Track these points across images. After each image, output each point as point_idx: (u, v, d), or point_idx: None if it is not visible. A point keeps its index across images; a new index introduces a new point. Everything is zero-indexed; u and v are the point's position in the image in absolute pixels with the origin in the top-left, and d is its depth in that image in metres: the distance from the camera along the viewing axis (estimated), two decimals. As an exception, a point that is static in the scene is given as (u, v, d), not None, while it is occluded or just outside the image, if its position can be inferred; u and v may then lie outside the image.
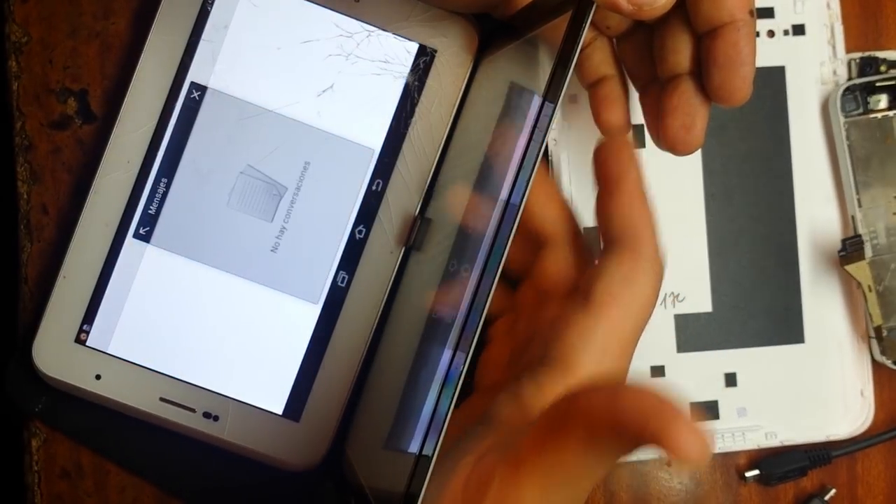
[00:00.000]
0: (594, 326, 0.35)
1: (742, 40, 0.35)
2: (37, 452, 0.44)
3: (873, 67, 0.47)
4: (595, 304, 0.36)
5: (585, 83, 0.41)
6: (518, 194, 0.33)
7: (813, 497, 0.47)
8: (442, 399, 0.33)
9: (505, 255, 0.33)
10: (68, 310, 0.41)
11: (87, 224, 0.41)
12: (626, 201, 0.37)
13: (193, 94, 0.42)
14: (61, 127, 0.44)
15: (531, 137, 0.33)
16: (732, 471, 0.47)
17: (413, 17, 0.42)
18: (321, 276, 0.42)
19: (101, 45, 0.44)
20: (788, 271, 0.46)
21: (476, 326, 0.33)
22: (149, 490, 0.44)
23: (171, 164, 0.42)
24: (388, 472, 0.36)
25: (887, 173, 0.46)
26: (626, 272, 0.36)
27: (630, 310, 0.36)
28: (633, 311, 0.36)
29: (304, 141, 0.42)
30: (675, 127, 0.37)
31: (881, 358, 0.46)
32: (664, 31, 0.37)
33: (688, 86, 0.37)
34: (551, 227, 0.39)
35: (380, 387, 0.42)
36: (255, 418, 0.42)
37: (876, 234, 0.46)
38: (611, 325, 0.35)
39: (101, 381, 0.41)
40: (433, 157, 0.43)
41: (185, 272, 0.42)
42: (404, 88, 0.43)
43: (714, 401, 0.46)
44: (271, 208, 0.42)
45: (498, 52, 0.41)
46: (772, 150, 0.46)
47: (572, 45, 0.32)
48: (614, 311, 0.36)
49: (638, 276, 0.36)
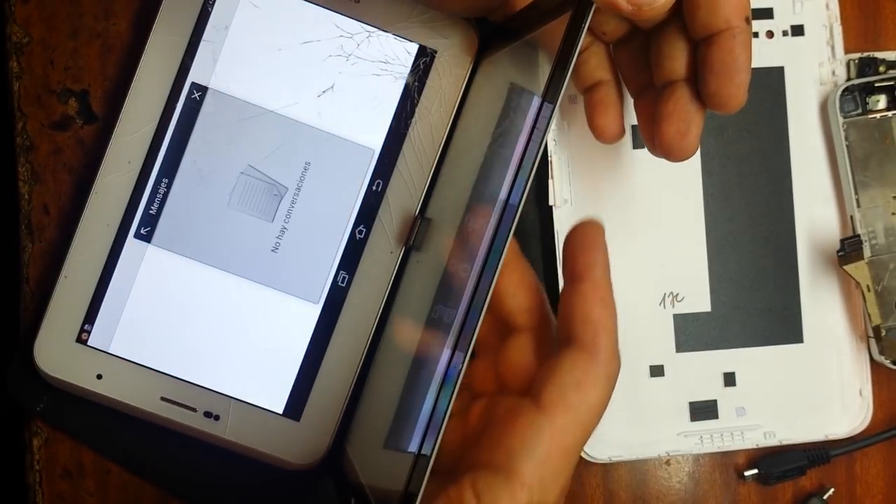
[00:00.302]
0: (539, 433, 0.35)
1: (738, 47, 0.35)
2: (38, 452, 0.44)
3: (872, 68, 0.47)
4: (543, 407, 0.35)
5: (581, 88, 0.41)
6: (517, 194, 0.33)
7: (812, 496, 0.47)
8: (441, 398, 0.33)
9: (504, 254, 0.33)
10: (69, 310, 0.42)
11: (88, 224, 0.42)
12: (587, 298, 0.36)
13: (194, 95, 0.42)
14: (62, 127, 0.44)
15: (530, 138, 0.33)
16: (731, 470, 0.47)
17: (413, 17, 0.42)
18: (321, 275, 0.43)
19: (102, 45, 0.44)
20: (787, 271, 0.47)
21: (475, 325, 0.33)
22: (150, 489, 0.44)
23: (171, 164, 0.42)
24: (388, 471, 0.36)
25: (886, 173, 0.46)
26: (579, 376, 0.35)
27: (578, 416, 0.35)
28: (581, 418, 0.35)
29: (304, 141, 0.42)
30: (670, 133, 0.37)
31: (880, 358, 0.46)
32: (660, 38, 0.37)
33: (683, 92, 0.37)
34: (520, 315, 0.38)
35: (380, 386, 0.42)
36: (256, 417, 0.42)
37: (875, 234, 0.46)
38: (556, 434, 0.35)
39: (102, 380, 0.42)
40: (433, 157, 0.43)
41: (186, 272, 0.42)
42: (404, 89, 0.43)
43: (713, 400, 0.46)
44: (272, 208, 0.42)
45: (497, 53, 0.41)
46: (771, 150, 0.47)
47: (571, 45, 0.32)
48: (561, 417, 0.35)
49: (590, 380, 0.35)
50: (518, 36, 0.39)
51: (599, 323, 0.36)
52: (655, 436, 0.46)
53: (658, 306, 0.46)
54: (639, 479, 0.47)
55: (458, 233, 0.39)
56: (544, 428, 0.35)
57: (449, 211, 0.41)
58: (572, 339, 0.36)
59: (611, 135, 0.40)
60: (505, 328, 0.39)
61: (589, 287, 0.36)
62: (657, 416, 0.46)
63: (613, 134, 0.40)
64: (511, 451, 0.35)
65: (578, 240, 0.37)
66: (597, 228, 0.37)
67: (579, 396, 0.35)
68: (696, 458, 0.47)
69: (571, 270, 0.37)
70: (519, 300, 0.38)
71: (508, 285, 0.38)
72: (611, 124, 0.40)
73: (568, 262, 0.37)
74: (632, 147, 0.46)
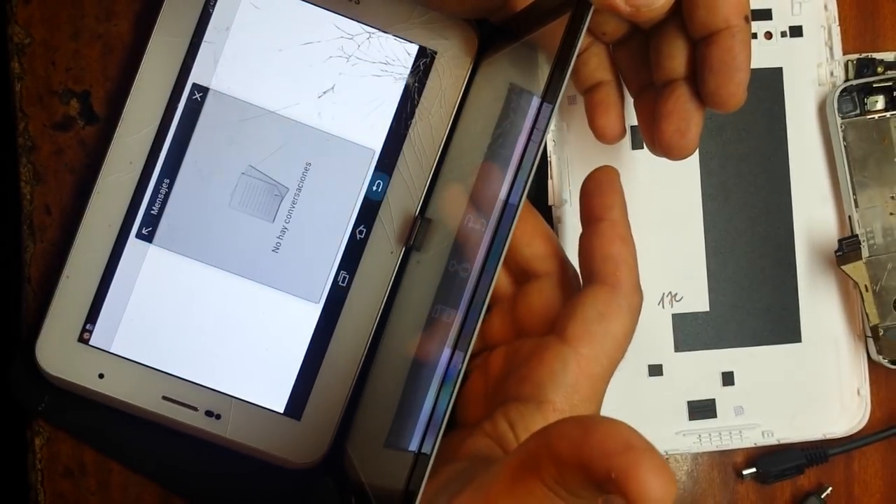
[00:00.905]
0: (566, 364, 0.35)
1: (737, 46, 0.35)
2: (40, 451, 0.44)
3: (870, 69, 0.47)
4: (568, 341, 0.36)
5: (581, 88, 0.41)
6: (517, 194, 0.33)
7: (810, 495, 0.47)
8: (441, 397, 0.33)
9: (503, 254, 0.33)
10: (71, 309, 0.42)
11: (89, 224, 0.42)
12: (606, 236, 0.37)
13: (195, 96, 0.42)
14: (64, 128, 0.44)
15: (530, 138, 0.33)
16: (729, 469, 0.48)
17: (413, 18, 0.43)
18: (322, 275, 0.43)
19: (103, 46, 0.44)
20: (785, 271, 0.47)
21: (475, 325, 0.33)
22: (151, 488, 0.44)
23: (173, 164, 0.42)
24: (389, 470, 0.37)
25: (884, 174, 0.46)
26: (602, 308, 0.36)
27: (604, 347, 0.36)
28: (607, 348, 0.36)
29: (305, 142, 0.42)
30: (669, 132, 0.37)
31: (877, 357, 0.46)
32: (660, 37, 0.37)
33: (683, 91, 0.37)
34: (537, 262, 0.39)
35: (380, 385, 0.42)
36: (257, 416, 0.42)
37: (872, 234, 0.46)
38: (583, 363, 0.35)
39: (104, 379, 0.42)
40: (433, 157, 0.43)
41: (187, 272, 0.42)
42: (404, 90, 0.43)
43: (711, 399, 0.46)
44: (273, 208, 0.42)
45: (497, 54, 0.42)
46: (769, 150, 0.47)
47: (570, 46, 0.32)
48: (586, 348, 0.36)
49: (613, 312, 0.36)
50: (518, 37, 0.39)
51: (619, 257, 0.37)
52: (654, 435, 0.45)
53: (657, 306, 0.46)
54: (638, 477, 0.47)
55: (458, 232, 0.39)
56: (570, 358, 0.35)
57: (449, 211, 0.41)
58: (593, 275, 0.37)
59: (612, 135, 0.40)
60: (522, 277, 0.40)
61: (607, 226, 0.37)
62: (656, 415, 0.46)
63: (614, 134, 0.40)
64: (539, 382, 0.35)
65: (595, 184, 0.38)
66: (612, 173, 0.38)
67: (603, 328, 0.36)
68: (695, 457, 0.47)
69: (589, 213, 0.38)
70: (535, 248, 0.39)
71: (523, 235, 0.39)
72: (612, 124, 0.40)
73: (585, 205, 0.38)
74: (630, 147, 0.46)
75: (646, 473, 0.25)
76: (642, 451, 0.26)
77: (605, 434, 0.27)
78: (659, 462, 0.26)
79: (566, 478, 0.28)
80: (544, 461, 0.28)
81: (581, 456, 0.27)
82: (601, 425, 0.27)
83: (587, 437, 0.27)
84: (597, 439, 0.27)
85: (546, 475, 0.28)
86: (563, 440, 0.28)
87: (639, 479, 0.25)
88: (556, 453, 0.28)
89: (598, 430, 0.27)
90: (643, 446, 0.26)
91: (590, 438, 0.27)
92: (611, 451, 0.26)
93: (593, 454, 0.27)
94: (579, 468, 0.27)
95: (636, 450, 0.26)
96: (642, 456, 0.26)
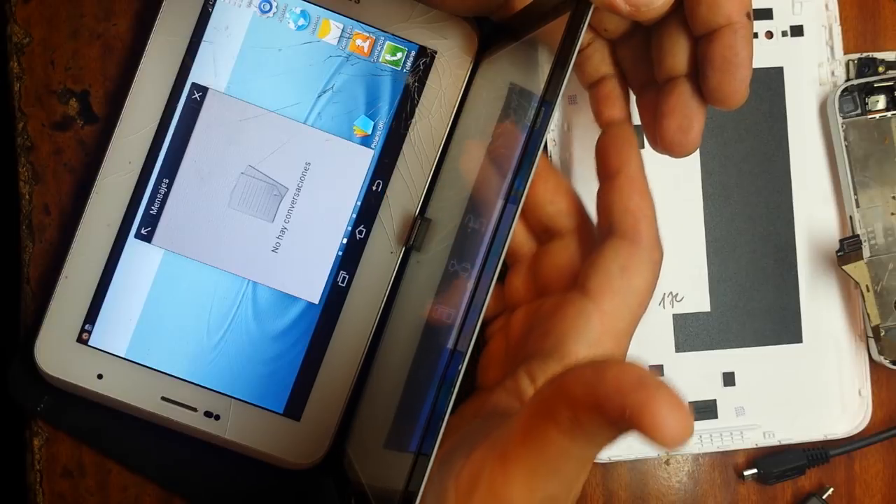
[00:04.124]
0: (588, 318, 0.35)
1: (739, 43, 0.35)
2: (39, 451, 0.44)
3: (871, 68, 0.47)
4: (590, 294, 0.36)
5: (586, 83, 0.41)
6: (517, 194, 0.33)
7: (811, 496, 0.47)
8: (440, 398, 0.33)
9: (503, 254, 0.33)
10: (70, 310, 0.42)
11: (88, 224, 0.42)
12: (625, 191, 0.37)
13: (195, 95, 0.42)
14: (63, 128, 0.44)
15: (530, 137, 0.33)
16: (730, 470, 0.48)
17: (413, 18, 0.43)
18: (322, 275, 0.43)
19: (102, 46, 0.44)
20: (786, 271, 0.47)
21: (475, 325, 0.33)
22: (150, 489, 0.44)
23: (172, 164, 0.42)
24: (389, 470, 0.37)
25: (885, 174, 0.46)
26: (623, 262, 0.36)
27: (626, 301, 0.36)
28: (629, 302, 0.36)
29: (304, 141, 0.42)
30: (672, 129, 0.37)
31: (879, 358, 0.46)
32: (661, 34, 0.37)
33: (685, 88, 0.37)
34: (560, 219, 0.39)
35: (380, 386, 0.42)
36: (256, 417, 0.42)
37: (874, 234, 0.46)
38: (605, 318, 0.35)
39: (102, 380, 0.42)
40: (433, 157, 0.43)
41: (187, 272, 0.42)
42: (404, 89, 0.43)
43: (712, 400, 0.46)
44: (272, 208, 0.42)
45: (497, 54, 0.42)
46: (770, 150, 0.47)
47: (570, 45, 0.32)
48: (609, 303, 0.35)
49: (635, 265, 0.36)
50: (518, 36, 0.39)
51: (639, 211, 0.36)
52: (655, 435, 0.46)
53: (657, 306, 0.46)
54: (638, 478, 0.47)
55: (458, 232, 0.39)
56: (593, 313, 0.35)
57: (449, 211, 0.41)
58: (614, 230, 0.36)
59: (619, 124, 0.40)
60: (545, 236, 0.40)
61: (625, 180, 0.37)
62: (657, 415, 0.46)
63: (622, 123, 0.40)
64: (561, 336, 0.35)
65: (610, 140, 0.38)
66: (628, 129, 0.38)
67: (625, 282, 0.36)
68: (696, 458, 0.47)
69: (606, 169, 0.37)
70: (557, 205, 0.39)
71: (545, 192, 0.39)
72: (618, 116, 0.40)
73: (602, 161, 0.38)
74: (631, 147, 0.46)
75: (660, 408, 0.26)
76: (656, 387, 0.26)
77: (619, 373, 0.27)
78: (673, 398, 0.26)
79: (581, 420, 0.28)
80: (559, 406, 0.28)
81: (595, 396, 0.27)
82: (614, 365, 0.27)
83: (600, 377, 0.27)
84: (610, 378, 0.27)
85: (561, 420, 0.28)
86: (576, 383, 0.28)
87: (653, 413, 0.26)
88: (570, 397, 0.28)
89: (611, 370, 0.27)
90: (656, 383, 0.26)
91: (603, 378, 0.27)
92: (625, 388, 0.26)
93: (607, 393, 0.27)
94: (594, 409, 0.27)
95: (649, 387, 0.26)
96: (656, 392, 0.26)
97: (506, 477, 0.30)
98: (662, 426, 0.25)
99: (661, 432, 0.26)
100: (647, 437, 0.26)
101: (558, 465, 0.29)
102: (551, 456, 0.29)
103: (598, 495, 0.47)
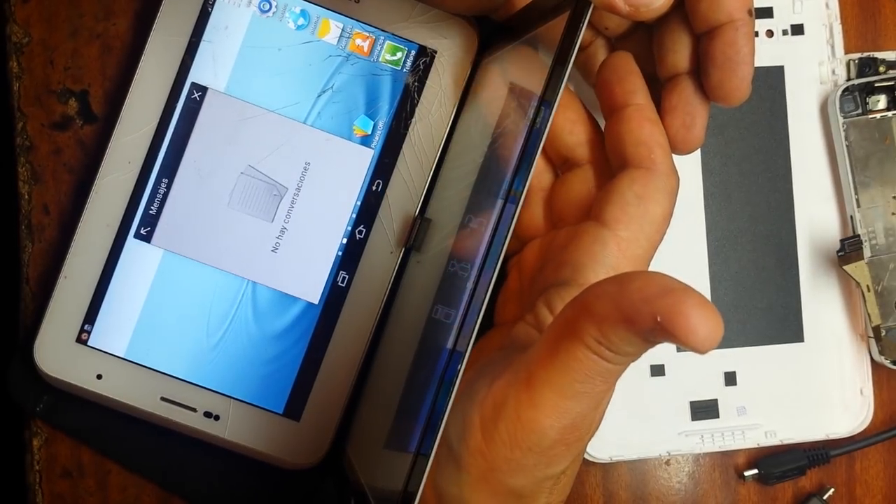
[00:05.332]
0: (605, 245, 0.35)
1: (740, 40, 0.35)
2: (38, 452, 0.44)
3: (872, 68, 0.47)
4: (607, 223, 0.35)
5: (591, 81, 0.41)
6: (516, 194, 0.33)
7: (812, 496, 0.47)
8: (440, 398, 0.33)
9: (502, 254, 0.33)
10: (69, 310, 0.42)
11: (88, 224, 0.42)
12: (635, 121, 0.36)
13: (194, 95, 0.42)
14: (62, 127, 0.44)
15: (529, 137, 0.33)
16: (731, 470, 0.47)
17: (413, 18, 0.42)
18: (321, 276, 0.43)
19: (101, 45, 0.44)
20: (787, 271, 0.47)
21: (474, 325, 0.33)
22: (150, 489, 0.44)
23: (171, 164, 0.42)
24: (388, 470, 0.36)
25: (886, 173, 0.46)
26: (639, 190, 0.35)
27: (642, 228, 0.35)
28: (647, 230, 0.35)
29: (304, 141, 0.42)
30: (675, 126, 0.37)
31: (879, 358, 0.46)
32: (663, 31, 0.37)
33: (687, 85, 0.37)
34: (579, 149, 0.38)
35: (380, 386, 0.42)
36: (256, 417, 0.42)
37: (874, 234, 0.46)
38: (622, 245, 0.35)
39: (102, 380, 0.42)
40: (433, 157, 0.43)
41: (186, 272, 0.42)
42: (404, 89, 0.43)
43: (713, 399, 0.46)
44: (272, 208, 0.42)
45: (497, 53, 0.41)
46: (771, 149, 0.47)
47: (570, 45, 0.32)
48: (625, 230, 0.35)
49: (651, 193, 0.35)
50: (518, 35, 0.39)
51: (652, 139, 0.36)
52: (656, 435, 0.46)
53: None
54: (639, 478, 0.47)
55: (458, 233, 0.39)
56: (610, 240, 0.35)
57: (449, 211, 0.41)
58: (627, 160, 0.36)
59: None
60: (564, 166, 0.39)
61: (634, 110, 0.36)
62: (658, 415, 0.46)
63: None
64: (578, 265, 0.35)
65: (612, 71, 0.37)
66: (628, 57, 0.37)
67: (641, 210, 0.35)
68: (696, 458, 0.47)
69: (611, 101, 0.37)
70: (577, 135, 0.38)
71: (565, 122, 0.38)
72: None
73: (605, 94, 0.37)
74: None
75: (691, 311, 0.25)
76: (683, 290, 0.26)
77: (643, 283, 0.27)
78: (702, 299, 0.26)
79: (609, 335, 0.28)
80: (584, 324, 0.28)
81: (622, 309, 0.27)
82: (637, 276, 0.27)
83: (624, 289, 0.27)
84: (635, 289, 0.27)
85: (588, 337, 0.28)
86: (600, 299, 0.28)
87: (685, 314, 0.25)
88: (595, 313, 0.28)
89: (634, 281, 0.27)
90: (682, 287, 0.26)
91: (628, 290, 0.27)
92: (651, 296, 0.26)
93: (634, 303, 0.26)
94: (621, 322, 0.27)
95: (676, 291, 0.26)
96: (684, 295, 0.26)
97: (532, 401, 0.30)
98: (696, 328, 0.25)
99: (695, 334, 0.25)
100: (679, 341, 0.25)
101: (585, 383, 0.29)
102: (578, 375, 0.29)
103: (599, 495, 0.47)
